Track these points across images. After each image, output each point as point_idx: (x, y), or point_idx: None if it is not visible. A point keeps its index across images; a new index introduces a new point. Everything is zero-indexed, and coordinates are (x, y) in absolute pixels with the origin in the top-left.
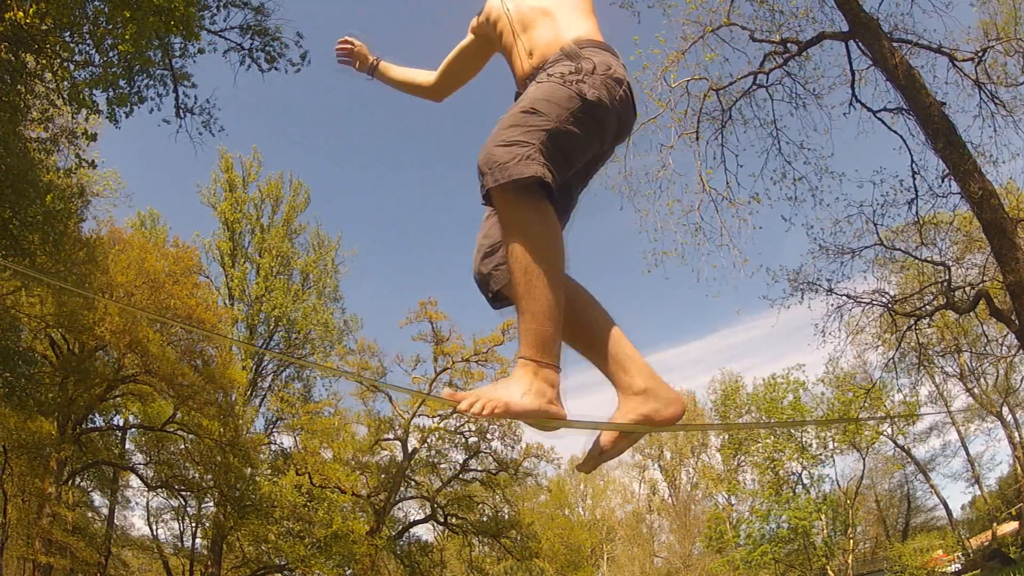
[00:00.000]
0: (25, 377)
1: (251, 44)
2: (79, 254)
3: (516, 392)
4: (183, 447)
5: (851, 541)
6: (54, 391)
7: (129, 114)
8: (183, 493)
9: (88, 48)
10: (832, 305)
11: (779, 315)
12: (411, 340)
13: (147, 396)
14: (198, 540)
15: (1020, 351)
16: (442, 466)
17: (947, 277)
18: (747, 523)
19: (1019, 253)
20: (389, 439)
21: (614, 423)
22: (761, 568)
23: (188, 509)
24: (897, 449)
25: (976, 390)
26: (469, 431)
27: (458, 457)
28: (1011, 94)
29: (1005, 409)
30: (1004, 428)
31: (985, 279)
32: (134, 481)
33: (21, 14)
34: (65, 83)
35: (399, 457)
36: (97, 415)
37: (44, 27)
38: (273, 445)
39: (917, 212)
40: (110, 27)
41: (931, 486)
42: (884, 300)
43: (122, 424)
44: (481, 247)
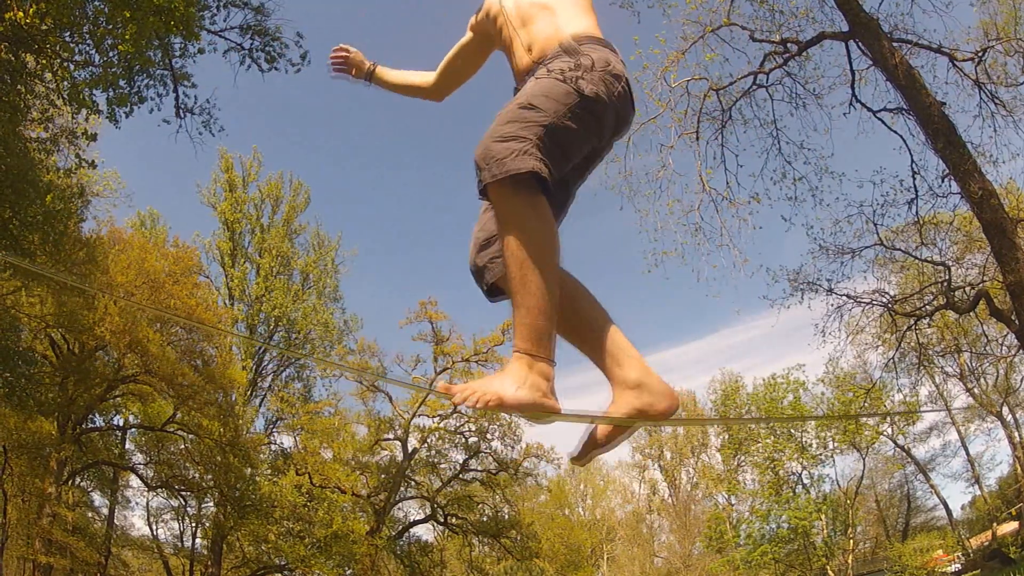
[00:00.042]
0: (25, 377)
1: (251, 44)
2: (79, 254)
3: (510, 385)
4: (183, 447)
5: (851, 541)
6: (54, 391)
7: (129, 114)
8: (183, 493)
9: (88, 48)
10: (832, 305)
11: (779, 315)
12: (411, 340)
13: (147, 396)
14: (198, 540)
15: (1020, 351)
16: (442, 466)
17: (947, 277)
18: (747, 523)
19: (1019, 253)
20: (389, 439)
21: (608, 416)
22: (761, 568)
23: (188, 509)
24: (897, 449)
25: (976, 390)
26: (469, 431)
27: (458, 457)
28: (1011, 94)
29: (1005, 409)
30: (1004, 428)
31: (985, 279)
32: (134, 481)
33: (21, 14)
34: (65, 83)
35: (399, 457)
36: (97, 415)
37: (44, 27)
38: (273, 445)
39: (917, 212)
40: (110, 27)
41: (931, 486)
42: (884, 300)
43: (122, 424)
44: (477, 239)
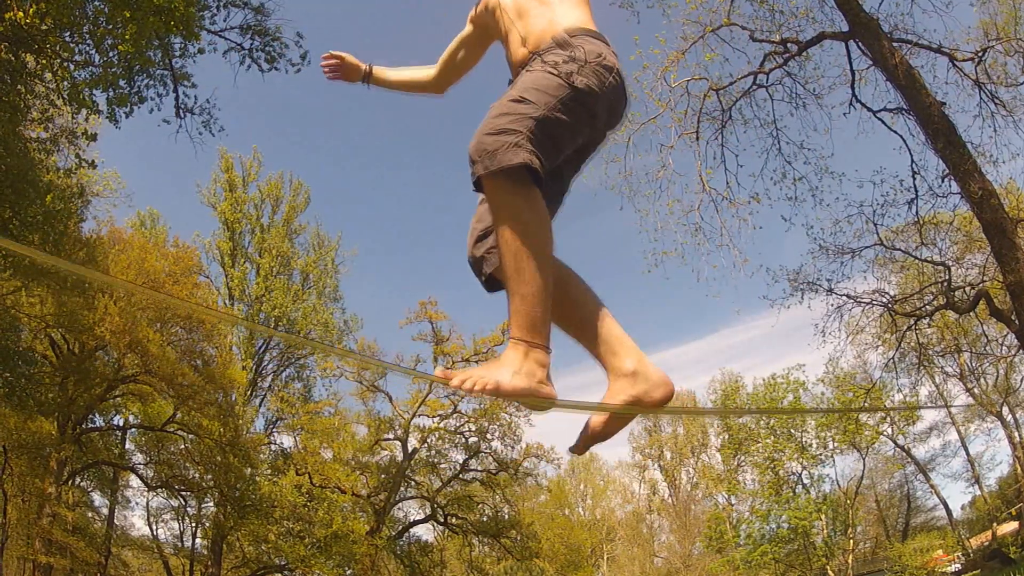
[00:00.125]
0: (25, 377)
1: (251, 44)
2: (79, 254)
3: (507, 372)
4: (183, 447)
5: (851, 541)
6: (54, 391)
7: (129, 114)
8: (183, 493)
9: (88, 48)
10: (832, 305)
11: (779, 315)
12: (411, 340)
13: (147, 396)
14: (198, 540)
15: (1020, 351)
16: (442, 466)
17: (947, 277)
18: (747, 523)
19: (1019, 253)
20: (389, 439)
21: (604, 405)
22: (761, 568)
23: (188, 509)
24: (897, 449)
25: (976, 390)
26: (469, 431)
27: (458, 457)
28: (1011, 94)
29: (1005, 409)
30: (1004, 428)
31: (985, 279)
32: (134, 481)
33: (21, 14)
34: (65, 83)
35: (399, 457)
36: (97, 415)
37: (44, 27)
38: (273, 445)
39: (917, 212)
40: (110, 27)
41: (931, 486)
42: (884, 300)
43: (122, 424)
44: (474, 231)
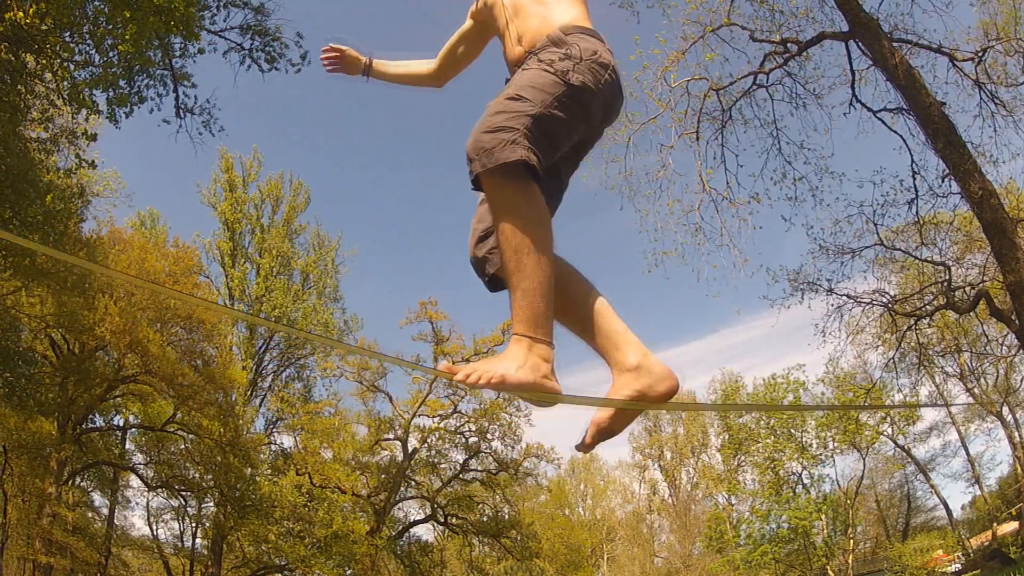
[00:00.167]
0: (25, 377)
1: (251, 44)
2: (79, 254)
3: (512, 365)
4: (183, 447)
5: (851, 541)
6: (54, 391)
7: (129, 114)
8: (183, 493)
9: (88, 48)
10: (832, 305)
11: (779, 315)
12: (411, 340)
13: (147, 396)
14: (198, 540)
15: (1020, 351)
16: (442, 466)
17: (947, 277)
18: (747, 523)
19: (1019, 253)
20: (389, 439)
21: (609, 399)
22: (761, 568)
23: (188, 509)
24: (897, 449)
25: (976, 390)
26: (469, 431)
27: (458, 457)
28: (1011, 94)
29: (1005, 409)
30: (1004, 428)
31: (985, 279)
32: (134, 481)
33: (21, 14)
34: (65, 83)
35: (399, 457)
36: (97, 415)
37: (44, 27)
38: (273, 445)
39: (917, 212)
40: (110, 27)
41: (931, 486)
42: (884, 300)
43: (122, 424)
44: (475, 232)
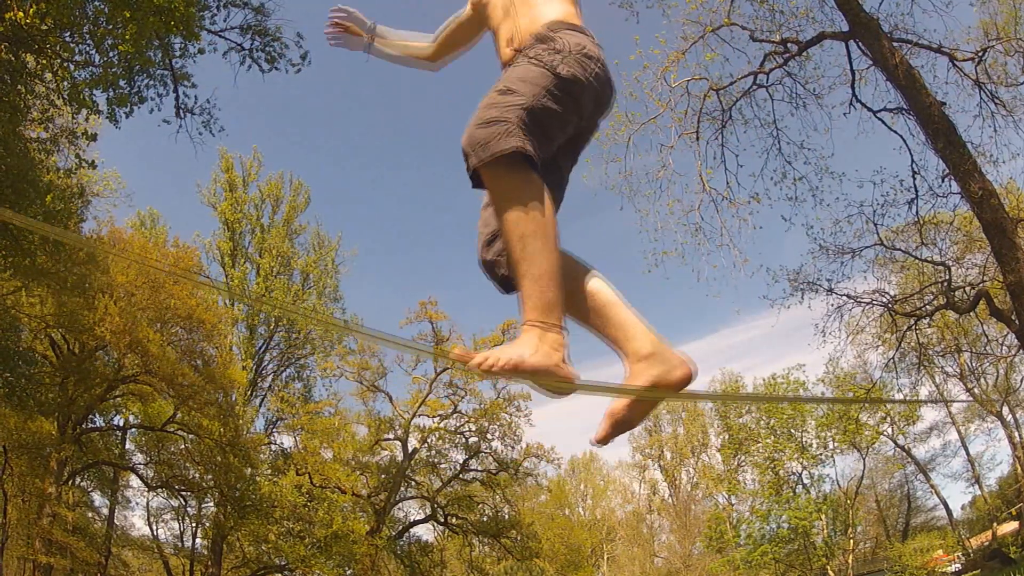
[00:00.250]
0: (25, 377)
1: (251, 44)
2: (79, 254)
3: (526, 351)
4: (183, 447)
5: (851, 541)
6: (54, 391)
7: (129, 114)
8: (183, 493)
9: (88, 48)
10: (832, 305)
11: (779, 315)
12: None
13: (147, 396)
14: (198, 540)
15: (1020, 351)
16: (442, 466)
17: (947, 277)
18: (747, 523)
19: (1019, 253)
20: (389, 439)
21: (624, 387)
22: (761, 568)
23: (188, 509)
24: (897, 449)
25: (976, 390)
26: (469, 431)
27: (458, 457)
28: (1011, 94)
29: (1005, 409)
30: (1004, 428)
31: (985, 279)
32: (134, 481)
33: (21, 14)
34: (65, 83)
35: (399, 457)
36: (97, 415)
37: (44, 27)
38: (273, 445)
39: (917, 212)
40: (110, 27)
41: (931, 486)
42: (884, 300)
43: (122, 424)
44: (482, 236)
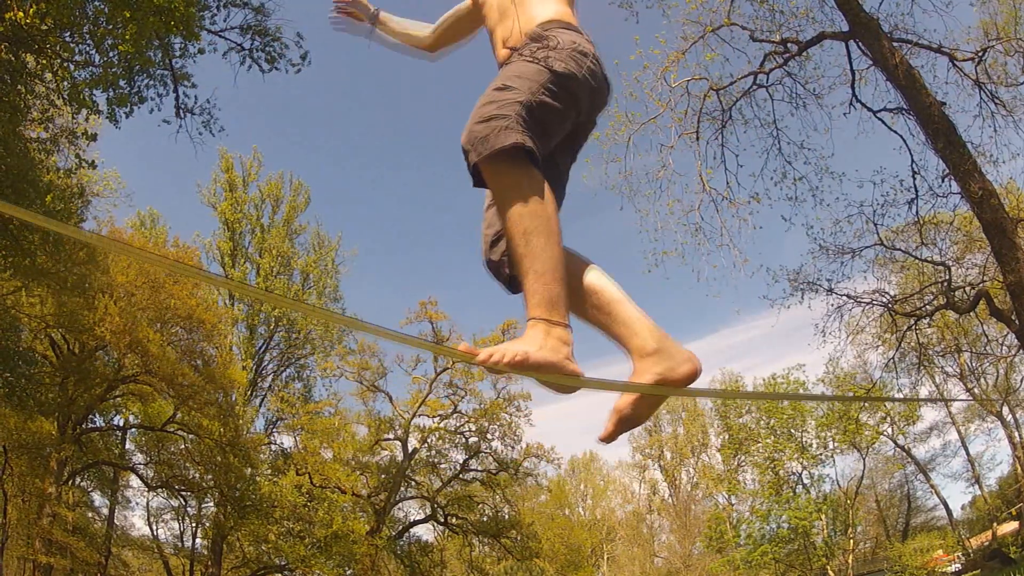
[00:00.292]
0: (25, 377)
1: (251, 44)
2: (79, 254)
3: (532, 346)
4: (183, 447)
5: (851, 541)
6: (54, 391)
7: (129, 114)
8: (183, 493)
9: (88, 48)
10: (832, 305)
11: (779, 315)
12: None
13: (147, 396)
14: (198, 540)
15: (1020, 351)
16: (442, 466)
17: (947, 277)
18: (747, 523)
19: (1019, 253)
20: (389, 439)
21: (630, 383)
22: (761, 568)
23: (188, 509)
24: (897, 449)
25: (976, 390)
26: (469, 431)
27: (458, 457)
28: (1011, 94)
29: (1005, 409)
30: (1004, 428)
31: (985, 279)
32: (134, 481)
33: (21, 14)
34: (65, 83)
35: (399, 457)
36: (97, 415)
37: (44, 27)
38: (273, 445)
39: (917, 212)
40: (110, 27)
41: (931, 486)
42: (884, 300)
43: (122, 424)
44: (486, 237)
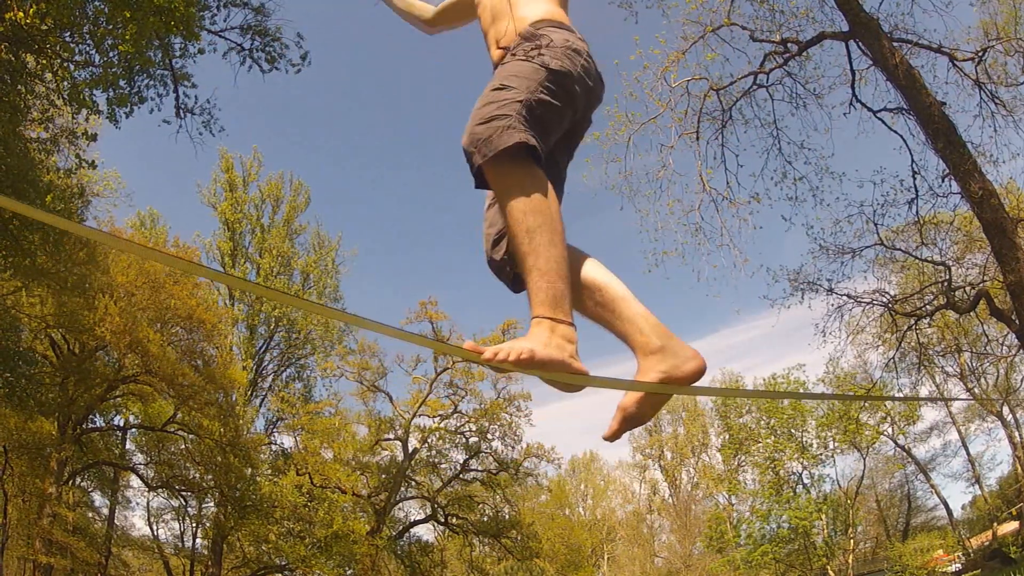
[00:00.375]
0: (25, 377)
1: (251, 44)
2: (79, 254)
3: (538, 345)
4: (183, 447)
5: (851, 541)
6: (54, 391)
7: (129, 114)
8: (183, 493)
9: (88, 48)
10: (832, 305)
11: (779, 315)
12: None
13: (147, 396)
14: (198, 540)
15: (1020, 351)
16: (442, 466)
17: (947, 277)
18: (747, 523)
19: (1019, 253)
20: (389, 439)
21: (635, 382)
22: (761, 568)
23: (188, 509)
24: (897, 449)
25: (976, 390)
26: (469, 431)
27: (458, 457)
28: (1011, 94)
29: (1005, 409)
30: (1004, 428)
31: (985, 279)
32: (134, 481)
33: (21, 14)
34: (65, 83)
35: (399, 457)
36: (97, 415)
37: (44, 27)
38: (273, 445)
39: (917, 212)
40: (110, 27)
41: (931, 486)
42: (884, 300)
43: (122, 424)
44: (489, 237)
